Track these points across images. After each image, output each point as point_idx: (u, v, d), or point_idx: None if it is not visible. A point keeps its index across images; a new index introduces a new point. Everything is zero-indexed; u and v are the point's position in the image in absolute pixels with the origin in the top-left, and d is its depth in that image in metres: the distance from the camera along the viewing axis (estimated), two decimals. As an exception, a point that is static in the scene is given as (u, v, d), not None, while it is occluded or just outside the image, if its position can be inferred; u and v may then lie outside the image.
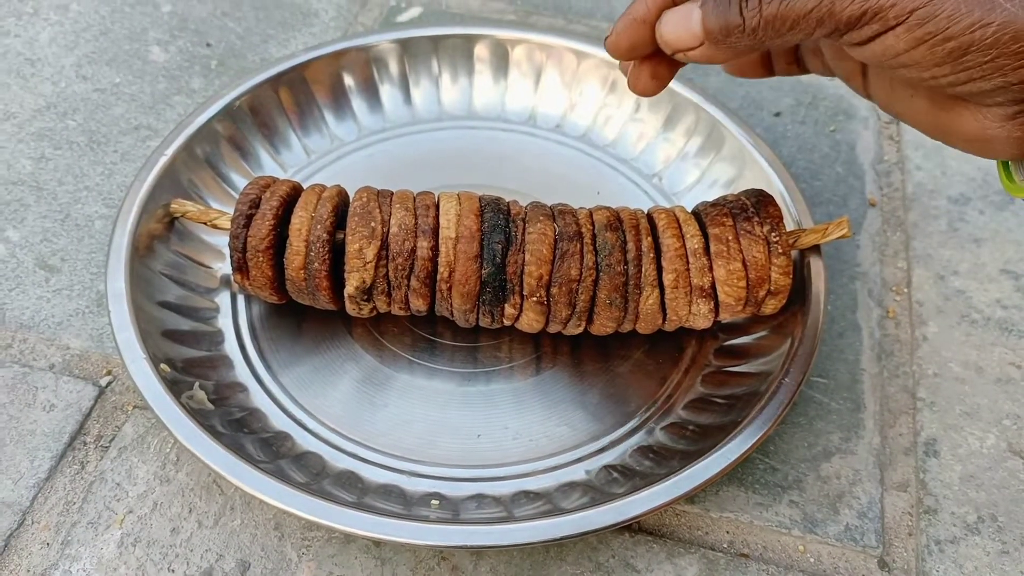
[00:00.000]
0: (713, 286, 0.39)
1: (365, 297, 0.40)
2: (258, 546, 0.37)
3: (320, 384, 0.42)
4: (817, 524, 0.39)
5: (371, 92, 0.53)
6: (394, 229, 0.39)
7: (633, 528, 0.38)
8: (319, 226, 0.39)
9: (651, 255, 0.39)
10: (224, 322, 0.43)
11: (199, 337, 0.42)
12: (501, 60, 0.53)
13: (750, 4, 0.31)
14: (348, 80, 0.52)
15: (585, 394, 0.42)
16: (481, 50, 0.53)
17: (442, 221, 0.39)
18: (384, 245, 0.39)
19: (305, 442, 0.39)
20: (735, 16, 0.31)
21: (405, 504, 0.37)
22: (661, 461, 0.38)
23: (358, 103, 0.52)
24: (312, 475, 0.37)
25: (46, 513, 0.38)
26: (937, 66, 0.30)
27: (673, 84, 0.50)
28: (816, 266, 0.42)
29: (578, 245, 0.39)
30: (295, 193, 0.41)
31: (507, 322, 0.41)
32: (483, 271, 0.39)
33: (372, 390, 0.42)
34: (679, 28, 0.33)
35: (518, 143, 0.52)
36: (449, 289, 0.39)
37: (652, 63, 0.36)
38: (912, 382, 0.44)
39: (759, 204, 0.40)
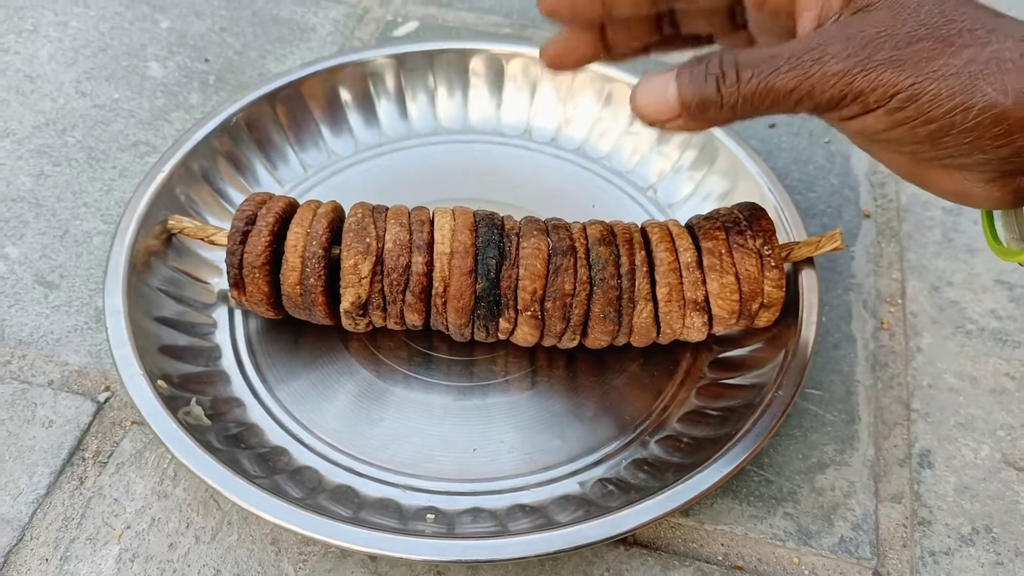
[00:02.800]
0: (707, 299, 0.40)
1: (361, 312, 0.40)
2: (255, 561, 0.37)
3: (317, 399, 0.42)
4: (812, 536, 0.39)
5: (367, 107, 0.53)
6: (389, 244, 0.39)
7: (628, 541, 0.38)
8: (315, 242, 0.39)
9: (644, 269, 0.39)
10: (221, 337, 0.44)
11: (196, 352, 0.42)
12: (497, 74, 0.54)
13: (727, 80, 0.31)
14: (344, 95, 0.52)
15: (580, 407, 0.42)
16: (477, 64, 0.54)
17: (437, 236, 0.39)
18: (379, 260, 0.39)
19: (302, 457, 0.40)
20: (712, 92, 0.31)
21: (401, 518, 0.37)
22: (656, 474, 0.39)
23: (355, 118, 0.53)
24: (308, 490, 0.38)
25: (45, 529, 0.38)
26: (917, 143, 0.30)
27: None
28: (810, 278, 0.43)
29: (572, 260, 0.39)
30: (291, 209, 0.41)
31: (502, 336, 0.41)
32: (477, 286, 0.39)
33: (368, 404, 0.42)
34: (655, 101, 0.32)
35: (514, 157, 0.53)
36: (444, 304, 0.40)
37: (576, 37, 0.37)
38: (906, 393, 0.44)
39: (752, 217, 0.40)
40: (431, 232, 0.40)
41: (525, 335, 0.41)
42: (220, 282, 0.45)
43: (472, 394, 0.42)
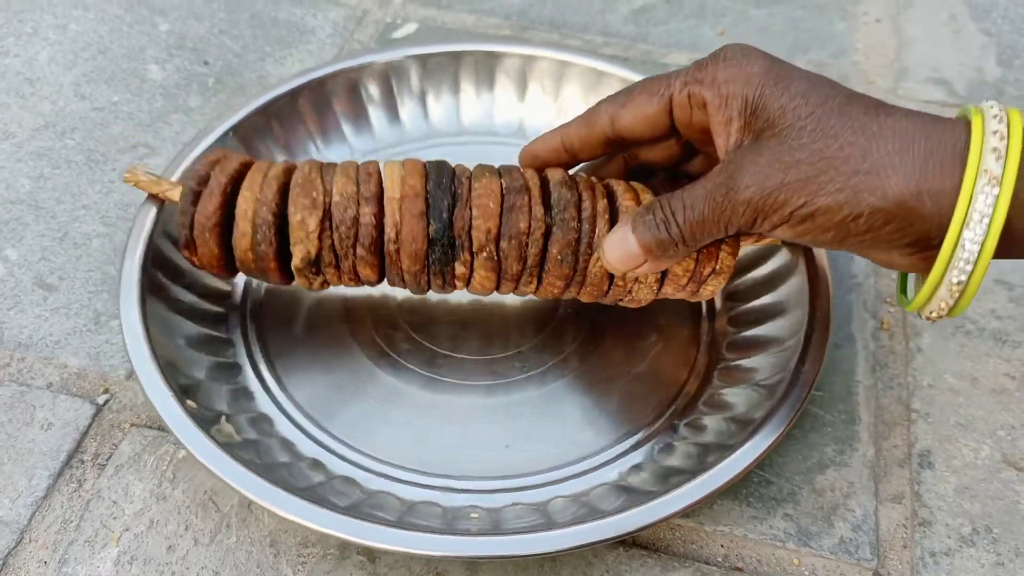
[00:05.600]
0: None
1: (313, 270, 0.39)
2: (254, 563, 0.37)
3: (343, 408, 0.42)
4: (812, 537, 0.39)
5: (360, 115, 0.53)
6: (336, 198, 0.38)
7: (627, 542, 0.38)
8: (264, 208, 0.38)
9: (606, 217, 0.38)
10: (239, 354, 0.43)
11: (217, 372, 0.42)
12: (488, 74, 0.54)
13: (671, 223, 0.36)
14: (337, 105, 0.52)
15: (605, 396, 0.42)
16: (469, 65, 0.53)
17: (386, 183, 0.38)
18: (327, 215, 0.38)
19: (336, 467, 0.40)
20: (666, 235, 0.36)
21: (445, 518, 0.37)
22: (691, 457, 0.39)
23: (347, 127, 0.52)
24: (351, 498, 0.38)
25: (43, 531, 0.38)
26: (827, 243, 0.35)
27: None
28: (824, 281, 0.42)
29: (526, 198, 0.38)
30: (245, 170, 0.40)
31: (459, 284, 0.40)
32: (430, 228, 0.38)
33: (394, 409, 0.42)
34: (623, 255, 0.37)
35: (509, 156, 0.52)
36: (397, 251, 0.39)
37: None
38: (906, 394, 0.44)
39: None
40: (379, 183, 0.39)
41: (482, 280, 0.40)
42: (233, 296, 0.45)
43: (497, 392, 0.43)
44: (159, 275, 0.43)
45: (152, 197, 0.43)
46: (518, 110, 0.54)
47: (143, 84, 0.57)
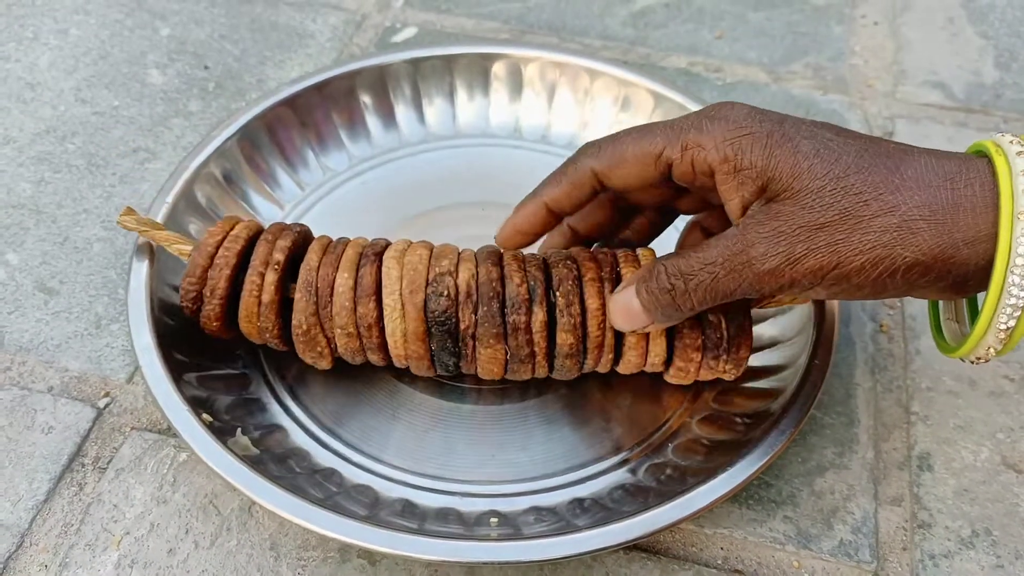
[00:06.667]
0: (661, 375, 0.41)
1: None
2: (254, 567, 0.37)
3: (356, 416, 0.42)
4: (811, 539, 0.39)
5: (357, 120, 0.53)
6: (341, 349, 0.40)
7: (627, 546, 0.38)
8: (267, 333, 0.40)
9: (610, 355, 0.39)
10: (250, 367, 0.43)
11: (229, 382, 0.42)
12: (482, 77, 0.54)
13: (678, 291, 0.35)
14: (334, 112, 0.52)
15: (618, 397, 0.43)
16: (463, 68, 0.54)
17: (389, 342, 0.39)
18: (334, 355, 0.40)
19: (353, 476, 0.40)
20: (670, 303, 0.35)
21: (464, 525, 0.37)
22: (707, 455, 0.39)
23: (344, 133, 0.53)
24: (368, 506, 0.38)
25: (44, 535, 0.38)
26: (860, 297, 0.34)
27: (682, 99, 0.51)
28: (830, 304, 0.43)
29: (530, 365, 0.39)
30: (238, 273, 0.40)
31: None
32: (437, 372, 0.40)
33: (408, 416, 0.42)
34: (630, 320, 0.37)
35: (505, 157, 0.53)
36: (407, 370, 0.41)
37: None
38: (906, 396, 0.44)
39: (735, 340, 0.38)
40: (381, 335, 0.39)
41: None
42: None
43: (511, 395, 0.43)
44: (166, 289, 0.43)
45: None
46: (513, 111, 0.54)
47: (144, 89, 0.57)
